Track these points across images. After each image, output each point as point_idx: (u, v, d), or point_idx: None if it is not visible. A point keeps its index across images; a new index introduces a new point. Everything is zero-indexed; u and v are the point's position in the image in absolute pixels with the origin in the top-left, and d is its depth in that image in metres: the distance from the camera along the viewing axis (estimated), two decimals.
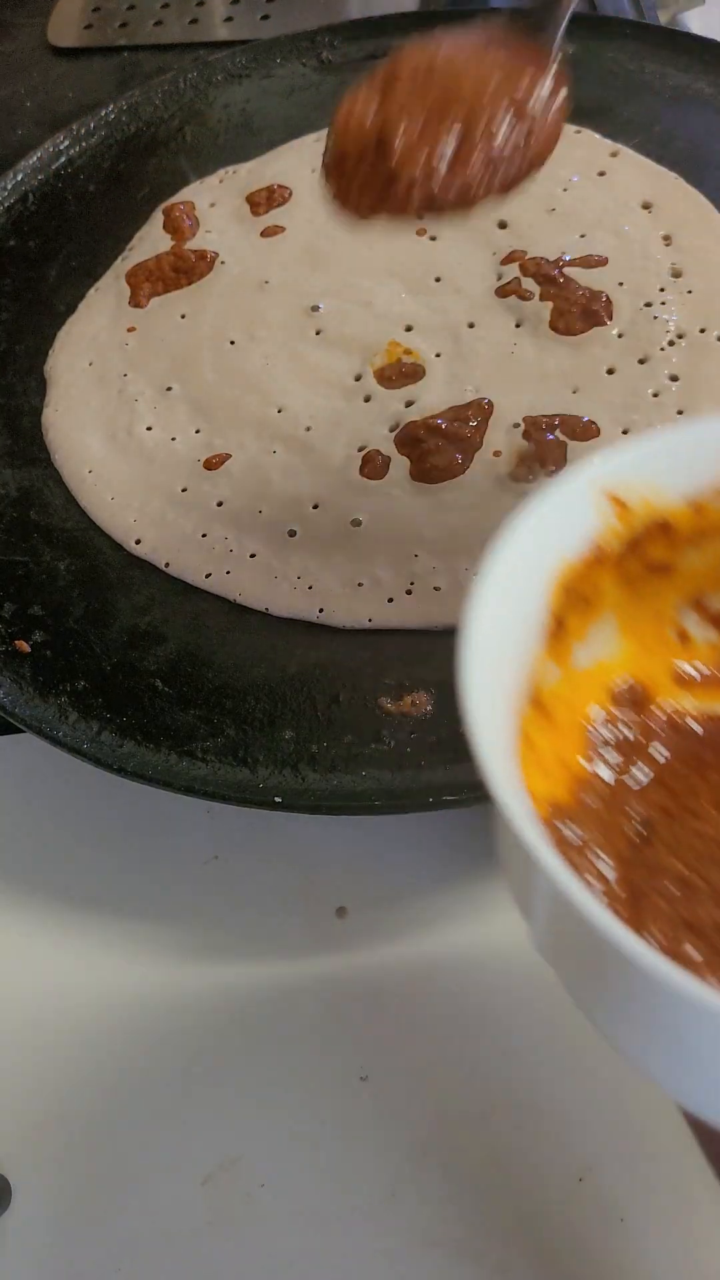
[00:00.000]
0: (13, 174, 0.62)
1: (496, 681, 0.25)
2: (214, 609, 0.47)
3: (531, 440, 0.48)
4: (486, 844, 0.42)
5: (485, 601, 0.25)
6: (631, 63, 0.61)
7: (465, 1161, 0.36)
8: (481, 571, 0.25)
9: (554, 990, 0.39)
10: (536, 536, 0.26)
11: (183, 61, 0.71)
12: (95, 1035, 0.40)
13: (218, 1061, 0.39)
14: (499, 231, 0.55)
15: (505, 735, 0.25)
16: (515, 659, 0.26)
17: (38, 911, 0.43)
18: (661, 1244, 0.34)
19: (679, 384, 0.49)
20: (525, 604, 0.26)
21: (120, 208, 0.61)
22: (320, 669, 0.44)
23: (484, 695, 0.24)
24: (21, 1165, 0.38)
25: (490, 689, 0.24)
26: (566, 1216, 0.35)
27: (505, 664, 0.26)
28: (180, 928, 0.42)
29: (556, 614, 0.27)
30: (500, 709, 0.25)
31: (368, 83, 0.35)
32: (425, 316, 0.53)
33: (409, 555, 0.46)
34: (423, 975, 0.40)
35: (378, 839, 0.43)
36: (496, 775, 0.23)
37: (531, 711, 0.26)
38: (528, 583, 0.26)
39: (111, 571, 0.48)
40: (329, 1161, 0.37)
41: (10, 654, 0.45)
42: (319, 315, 0.54)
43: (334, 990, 0.40)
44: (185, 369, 0.54)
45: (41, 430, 0.53)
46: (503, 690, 0.25)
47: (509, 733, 0.25)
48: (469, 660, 0.24)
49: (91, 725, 0.43)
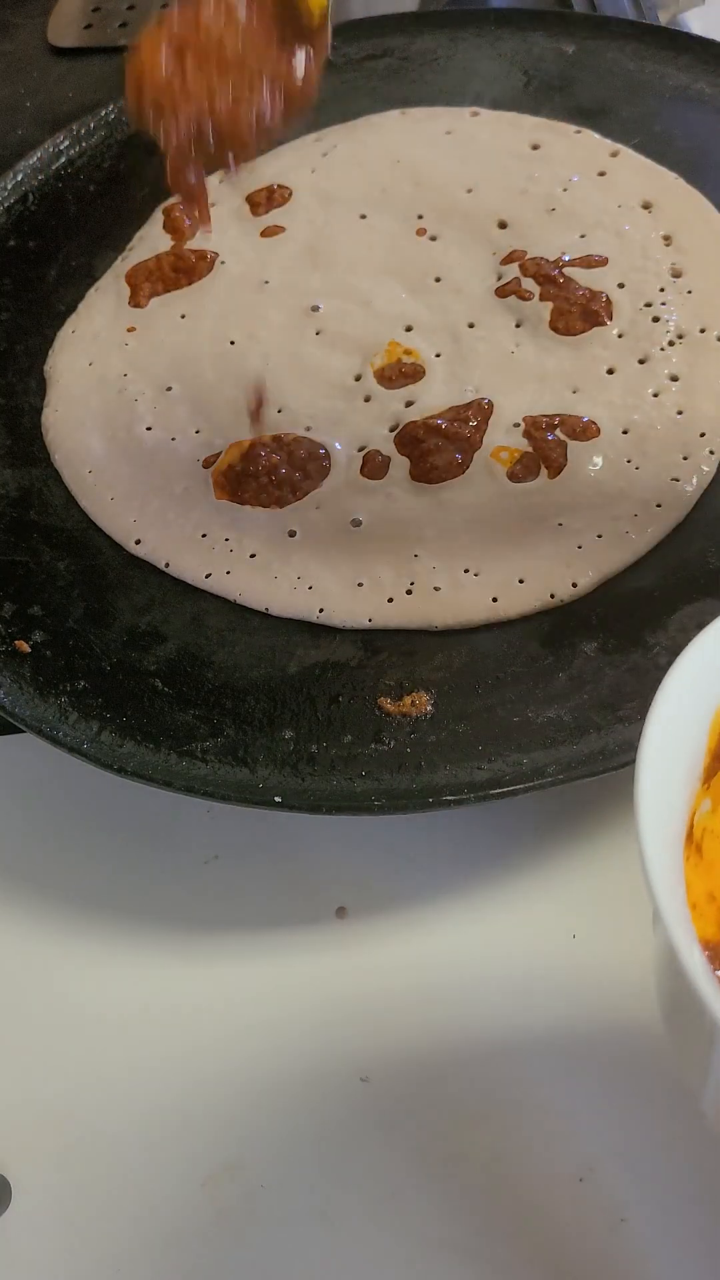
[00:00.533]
0: (13, 174, 0.62)
1: (667, 824, 0.25)
2: (214, 609, 0.47)
3: (531, 440, 0.48)
4: (486, 844, 0.42)
5: (655, 744, 0.25)
6: (631, 63, 0.61)
7: (465, 1161, 0.36)
8: (651, 713, 0.25)
9: (554, 990, 0.39)
10: (703, 673, 0.27)
11: None
12: (95, 1035, 0.40)
13: (218, 1062, 0.39)
14: (499, 231, 0.55)
15: (678, 882, 0.25)
16: (680, 798, 0.27)
17: (38, 911, 0.43)
18: (661, 1244, 0.34)
19: (679, 384, 0.49)
20: (688, 744, 0.27)
21: (120, 208, 0.61)
22: (320, 669, 0.44)
23: (657, 837, 0.24)
24: (21, 1165, 0.38)
25: (662, 832, 0.25)
26: (566, 1216, 0.35)
27: (672, 805, 0.26)
28: (180, 928, 0.42)
29: (715, 751, 0.28)
30: (670, 853, 0.25)
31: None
32: (425, 316, 0.53)
33: (409, 555, 0.46)
34: (423, 975, 0.40)
35: (378, 839, 0.43)
36: (681, 937, 0.23)
37: (686, 847, 0.27)
38: (692, 723, 0.27)
39: (111, 571, 0.48)
40: (329, 1162, 0.37)
41: (10, 654, 0.45)
42: (319, 315, 0.54)
43: (334, 990, 0.40)
44: (185, 369, 0.54)
45: (41, 430, 0.53)
46: (673, 831, 0.26)
47: (679, 877, 0.25)
48: (644, 805, 0.24)
49: (91, 725, 0.43)
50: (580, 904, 0.40)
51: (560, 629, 0.44)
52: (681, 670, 0.26)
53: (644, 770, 0.25)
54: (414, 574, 0.46)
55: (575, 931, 0.40)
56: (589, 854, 0.41)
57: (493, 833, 0.42)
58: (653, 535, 0.45)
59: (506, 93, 0.62)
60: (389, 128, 0.61)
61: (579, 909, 0.40)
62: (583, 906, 0.40)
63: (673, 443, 0.47)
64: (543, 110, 0.61)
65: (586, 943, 0.39)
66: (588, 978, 0.39)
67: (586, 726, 0.40)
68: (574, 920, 0.40)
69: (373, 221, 0.57)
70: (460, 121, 0.61)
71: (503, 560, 0.45)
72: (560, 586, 0.44)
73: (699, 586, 0.44)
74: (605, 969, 0.39)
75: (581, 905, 0.40)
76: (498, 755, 0.40)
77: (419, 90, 0.63)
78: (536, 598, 0.44)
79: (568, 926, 0.40)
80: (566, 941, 0.39)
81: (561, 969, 0.39)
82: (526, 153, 0.59)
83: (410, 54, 0.64)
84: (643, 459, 0.47)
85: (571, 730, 0.40)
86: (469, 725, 0.41)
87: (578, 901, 0.40)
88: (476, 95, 0.62)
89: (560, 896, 0.40)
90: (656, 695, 0.26)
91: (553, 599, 0.44)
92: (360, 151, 0.60)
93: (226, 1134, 0.38)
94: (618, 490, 0.46)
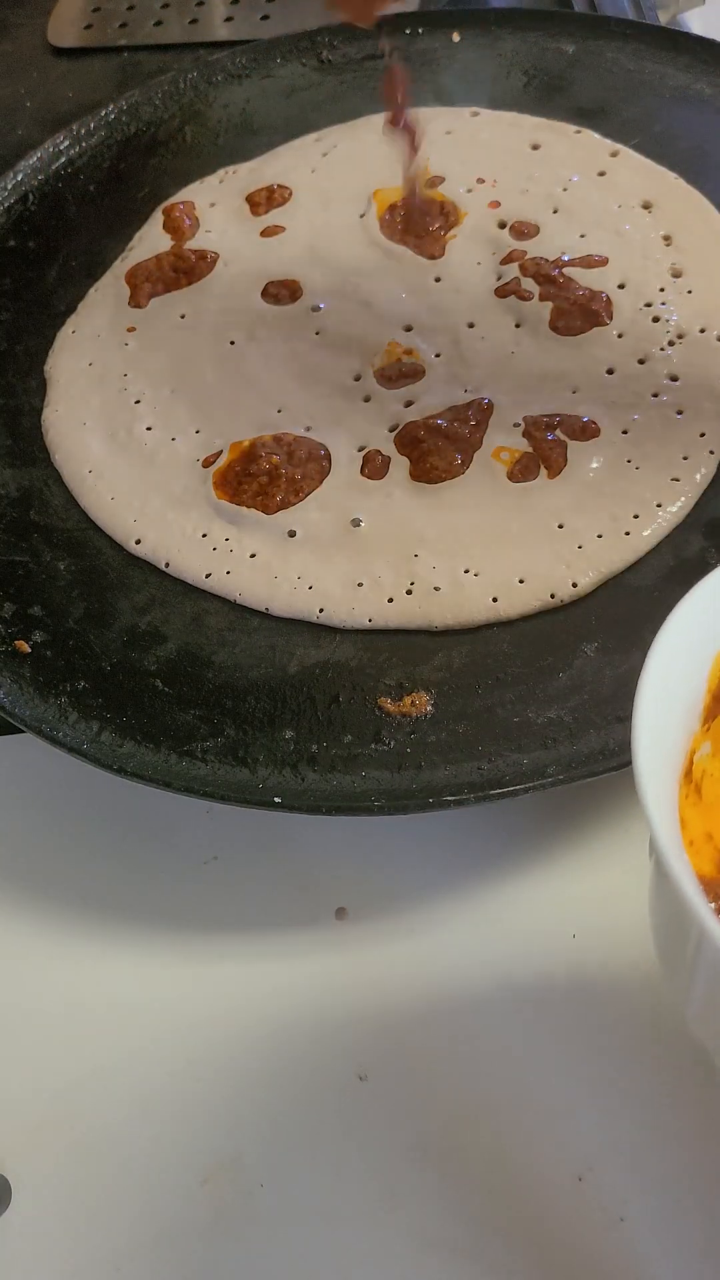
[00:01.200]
0: (13, 174, 0.62)
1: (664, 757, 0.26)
2: (214, 609, 0.47)
3: (531, 440, 0.48)
4: (486, 844, 0.42)
5: (652, 681, 0.26)
6: (631, 63, 0.61)
7: (465, 1161, 0.36)
8: (651, 651, 0.26)
9: (554, 990, 0.39)
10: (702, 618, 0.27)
11: (183, 61, 0.71)
12: (95, 1035, 0.40)
13: (218, 1061, 0.39)
14: (499, 231, 0.55)
15: (671, 809, 0.26)
16: (677, 736, 0.27)
17: (37, 911, 0.43)
18: (660, 1243, 0.34)
19: (679, 384, 0.49)
20: (688, 683, 0.27)
21: (120, 208, 0.61)
22: (320, 669, 0.44)
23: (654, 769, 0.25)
24: (21, 1165, 0.38)
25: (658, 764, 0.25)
26: (566, 1216, 0.35)
27: (670, 741, 0.27)
28: (180, 928, 0.42)
29: (715, 692, 0.28)
30: (667, 783, 0.26)
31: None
32: (425, 316, 0.53)
33: (409, 555, 0.46)
34: (423, 975, 0.40)
35: (378, 839, 0.43)
36: (670, 849, 0.24)
37: (684, 786, 0.27)
38: (690, 662, 0.27)
39: (111, 571, 0.48)
40: (329, 1161, 0.37)
41: (10, 654, 0.45)
42: (319, 315, 0.54)
43: (334, 990, 0.40)
44: (185, 369, 0.54)
45: (41, 430, 0.53)
46: (669, 765, 0.26)
47: (673, 806, 0.26)
48: (641, 738, 0.25)
49: (91, 725, 0.43)
50: (580, 904, 0.40)
51: (560, 629, 0.44)
52: (687, 606, 0.27)
53: (643, 699, 0.25)
54: (414, 574, 0.46)
55: (575, 931, 0.40)
56: (589, 854, 0.41)
57: (493, 833, 0.42)
58: (653, 535, 0.45)
59: (506, 93, 0.62)
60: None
61: (579, 909, 0.40)
62: (583, 906, 0.40)
63: (673, 443, 0.47)
64: (543, 110, 0.61)
65: (586, 943, 0.39)
66: (588, 978, 0.39)
67: (586, 726, 0.40)
68: (574, 920, 0.40)
69: (372, 221, 0.57)
70: (460, 121, 0.61)
71: (503, 560, 0.45)
72: (560, 586, 0.44)
73: None
74: (605, 969, 0.39)
75: (581, 905, 0.40)
76: (498, 755, 0.40)
77: (419, 90, 0.63)
78: (536, 598, 0.44)
79: (568, 926, 0.40)
80: (566, 941, 0.40)
81: (561, 969, 0.39)
82: (526, 153, 0.59)
83: (410, 54, 0.64)
84: (643, 459, 0.47)
85: (571, 730, 0.40)
86: (469, 725, 0.41)
87: (578, 901, 0.40)
88: (476, 95, 0.62)
89: (560, 896, 0.40)
90: (660, 631, 0.26)
91: (553, 599, 0.44)
92: (360, 151, 0.60)
93: (226, 1133, 0.38)
94: (618, 490, 0.46)
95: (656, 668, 0.26)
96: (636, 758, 0.25)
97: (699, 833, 0.28)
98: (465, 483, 0.48)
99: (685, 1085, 0.36)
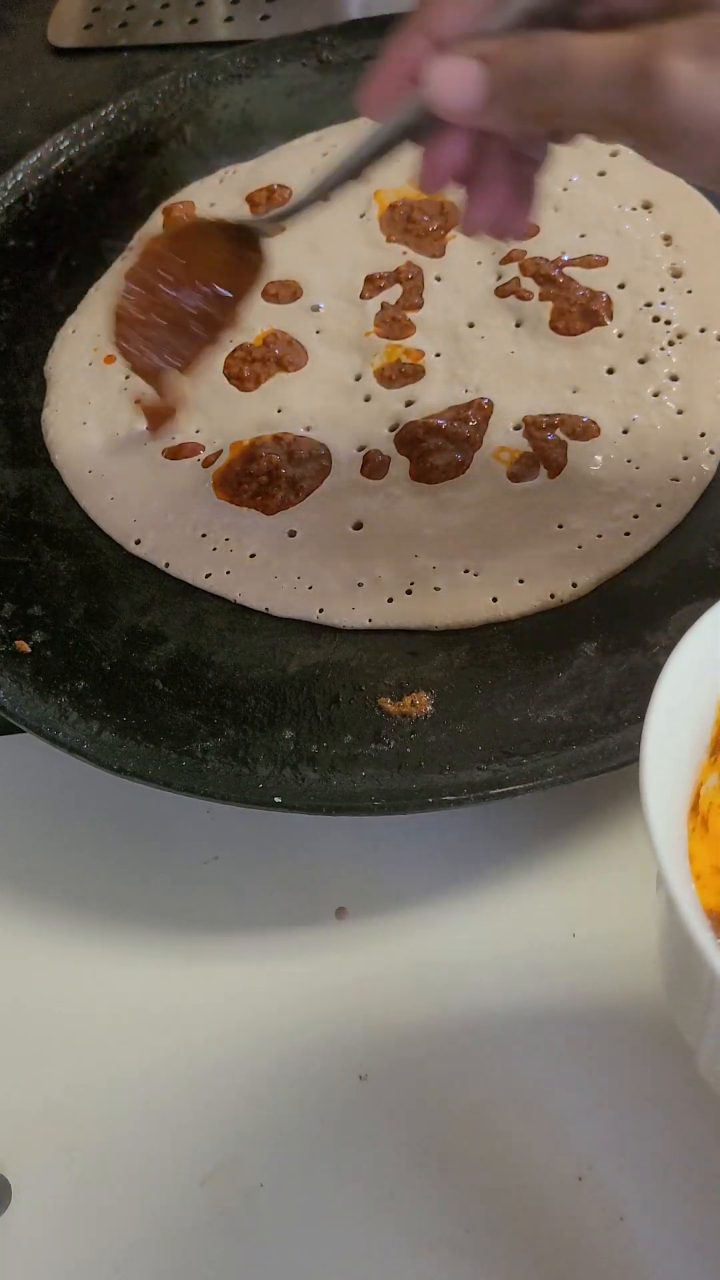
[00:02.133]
0: (13, 174, 0.62)
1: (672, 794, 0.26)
2: (214, 609, 0.47)
3: (531, 440, 0.48)
4: (486, 844, 0.42)
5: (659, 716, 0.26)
6: None
7: (464, 1161, 0.36)
8: (656, 687, 0.26)
9: (554, 990, 0.39)
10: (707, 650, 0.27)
11: (183, 61, 0.71)
12: (95, 1035, 0.40)
13: (217, 1061, 0.39)
14: None
15: (680, 847, 0.26)
16: (684, 769, 0.27)
17: (37, 911, 0.43)
18: (659, 1242, 0.34)
19: (679, 384, 0.49)
20: (694, 715, 0.27)
21: (120, 208, 0.61)
22: (320, 669, 0.44)
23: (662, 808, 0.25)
24: (21, 1165, 0.38)
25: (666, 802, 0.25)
26: (566, 1215, 0.35)
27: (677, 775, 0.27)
28: (180, 928, 0.42)
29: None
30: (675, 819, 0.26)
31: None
32: (425, 316, 0.53)
33: (409, 555, 0.46)
34: (423, 975, 0.40)
35: (378, 839, 0.43)
36: (684, 899, 0.23)
37: (692, 819, 0.27)
38: (697, 694, 0.27)
39: (111, 571, 0.48)
40: (328, 1161, 0.37)
41: (10, 654, 0.45)
42: (319, 315, 0.54)
43: (334, 990, 0.40)
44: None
45: (41, 430, 0.53)
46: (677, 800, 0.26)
47: (682, 843, 0.26)
48: (649, 777, 0.25)
49: (91, 725, 0.43)
50: (580, 904, 0.40)
51: (560, 629, 0.44)
52: (693, 641, 0.27)
53: (650, 735, 0.25)
54: (414, 574, 0.46)
55: (575, 931, 0.40)
56: (589, 854, 0.41)
57: (493, 833, 0.42)
58: (653, 535, 0.45)
59: None
60: None
61: (579, 909, 0.40)
62: (583, 906, 0.40)
63: (673, 442, 0.47)
64: None
65: (586, 942, 0.39)
66: (588, 977, 0.39)
67: (586, 726, 0.40)
68: (574, 920, 0.40)
69: (372, 221, 0.57)
70: None
71: (503, 560, 0.45)
72: (560, 586, 0.44)
73: (699, 586, 0.44)
74: (605, 969, 0.39)
75: (581, 905, 0.40)
76: (498, 755, 0.40)
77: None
78: (536, 598, 0.44)
79: (568, 926, 0.40)
80: (566, 941, 0.40)
81: (561, 969, 0.39)
82: None
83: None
84: (643, 459, 0.47)
85: (571, 730, 0.40)
86: (469, 725, 0.41)
87: (578, 901, 0.40)
88: None
89: (560, 896, 0.40)
90: (666, 664, 0.26)
91: (553, 599, 0.44)
92: None
93: (226, 1133, 0.38)
94: (618, 490, 0.46)
95: (663, 702, 0.26)
96: (646, 798, 0.24)
97: (706, 866, 0.28)
98: (465, 483, 0.48)
99: (685, 1086, 0.36)
